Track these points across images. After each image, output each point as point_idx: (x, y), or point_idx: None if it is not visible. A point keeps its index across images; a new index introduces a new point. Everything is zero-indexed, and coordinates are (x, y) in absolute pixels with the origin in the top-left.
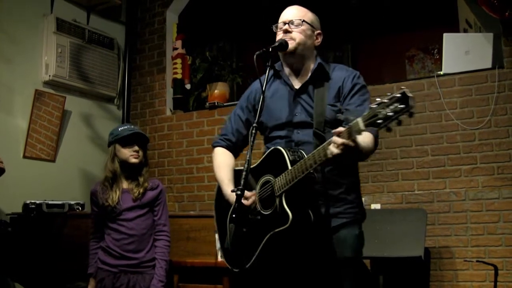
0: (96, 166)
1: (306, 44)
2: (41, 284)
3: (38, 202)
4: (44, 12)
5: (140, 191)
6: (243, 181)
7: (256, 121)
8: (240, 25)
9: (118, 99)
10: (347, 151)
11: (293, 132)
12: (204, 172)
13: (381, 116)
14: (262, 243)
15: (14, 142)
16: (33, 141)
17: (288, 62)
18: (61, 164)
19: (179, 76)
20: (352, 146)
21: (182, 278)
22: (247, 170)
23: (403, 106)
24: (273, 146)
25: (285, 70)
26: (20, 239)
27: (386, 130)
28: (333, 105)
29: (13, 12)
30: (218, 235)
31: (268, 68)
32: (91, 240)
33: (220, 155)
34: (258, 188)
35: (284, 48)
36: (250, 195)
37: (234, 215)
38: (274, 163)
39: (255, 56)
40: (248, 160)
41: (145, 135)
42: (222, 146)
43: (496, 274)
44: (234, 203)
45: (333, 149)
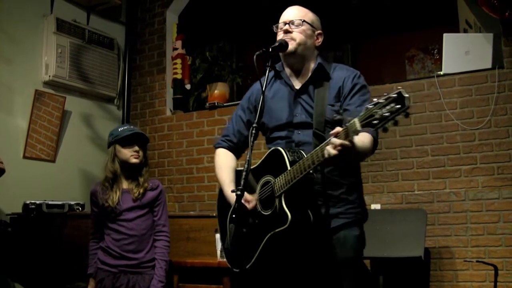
0: (96, 166)
1: (307, 44)
2: (41, 284)
3: (38, 202)
4: (44, 12)
5: (140, 191)
6: (243, 182)
7: (256, 121)
8: (240, 25)
9: (118, 99)
10: (344, 152)
11: (293, 133)
12: (204, 172)
13: (377, 116)
14: (262, 244)
15: (14, 142)
16: (33, 141)
17: (289, 62)
18: (61, 164)
19: (179, 76)
20: (349, 146)
21: (182, 278)
22: (247, 171)
23: (399, 106)
24: (274, 147)
25: (286, 70)
26: (20, 239)
27: (383, 130)
28: (333, 105)
29: (13, 12)
30: (220, 236)
31: (268, 69)
32: (91, 240)
33: (222, 156)
34: (258, 189)
35: (284, 48)
36: (252, 199)
37: (234, 215)
38: (274, 163)
39: (255, 57)
40: (248, 161)
41: (145, 135)
42: (223, 147)
43: (496, 274)
44: (234, 204)
45: (330, 149)
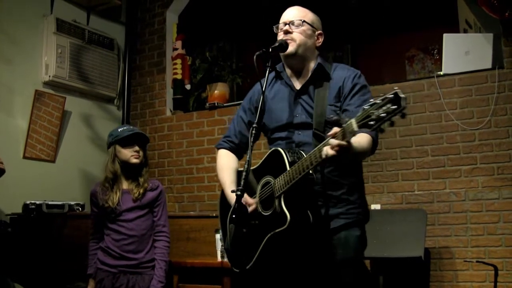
0: (96, 167)
1: (307, 44)
2: (41, 284)
3: (38, 202)
4: (44, 12)
5: (140, 191)
6: (243, 182)
7: (256, 122)
8: (240, 25)
9: (118, 100)
10: (342, 152)
11: (294, 133)
12: (204, 173)
13: (373, 117)
14: (262, 244)
15: (14, 142)
16: (33, 142)
17: (289, 63)
18: (61, 164)
19: (179, 76)
20: (346, 147)
21: (182, 278)
22: (247, 171)
23: (395, 107)
24: (274, 147)
25: (286, 71)
26: (20, 239)
27: (379, 131)
28: (333, 105)
29: (13, 12)
30: (222, 236)
31: (267, 69)
32: (91, 240)
33: (223, 157)
34: (259, 189)
35: (284, 49)
36: (252, 202)
37: (234, 216)
38: (274, 164)
39: (255, 57)
40: (248, 161)
41: (145, 135)
42: (225, 148)
43: (496, 275)
44: (234, 204)
45: (327, 150)
